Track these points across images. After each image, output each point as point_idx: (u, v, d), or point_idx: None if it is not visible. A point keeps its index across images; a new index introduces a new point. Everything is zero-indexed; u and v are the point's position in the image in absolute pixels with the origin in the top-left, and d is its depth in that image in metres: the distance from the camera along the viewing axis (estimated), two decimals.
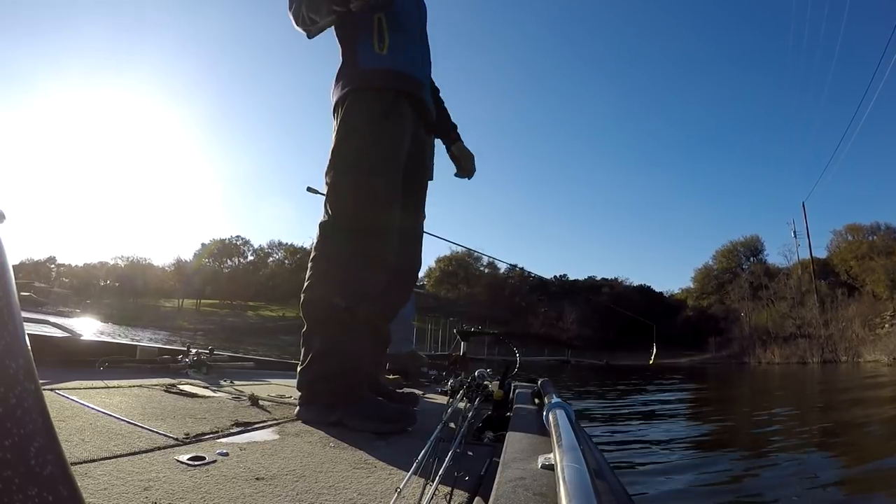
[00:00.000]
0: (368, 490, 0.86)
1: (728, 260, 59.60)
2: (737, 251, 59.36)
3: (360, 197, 1.50)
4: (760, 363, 39.47)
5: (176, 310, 57.34)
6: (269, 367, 3.08)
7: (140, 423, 1.14)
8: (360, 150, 1.53)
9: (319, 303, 1.48)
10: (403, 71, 1.62)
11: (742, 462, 3.79)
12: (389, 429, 1.36)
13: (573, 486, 0.55)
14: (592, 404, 7.83)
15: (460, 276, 61.01)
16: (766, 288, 50.64)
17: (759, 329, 46.78)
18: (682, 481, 3.18)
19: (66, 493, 0.31)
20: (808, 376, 19.99)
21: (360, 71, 1.59)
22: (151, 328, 34.61)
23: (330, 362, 1.43)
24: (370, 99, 1.57)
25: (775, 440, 4.81)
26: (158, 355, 2.40)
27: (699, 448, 4.42)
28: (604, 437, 4.76)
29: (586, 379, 16.23)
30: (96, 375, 1.79)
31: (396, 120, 1.58)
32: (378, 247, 1.52)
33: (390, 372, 2.58)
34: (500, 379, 1.78)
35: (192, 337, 30.07)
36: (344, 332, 1.45)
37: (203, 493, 0.76)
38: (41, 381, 0.33)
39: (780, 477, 3.28)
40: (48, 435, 0.31)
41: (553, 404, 1.05)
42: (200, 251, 64.38)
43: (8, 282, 0.32)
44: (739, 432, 5.48)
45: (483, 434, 1.36)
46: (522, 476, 0.74)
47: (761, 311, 48.99)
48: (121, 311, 50.13)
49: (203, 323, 49.28)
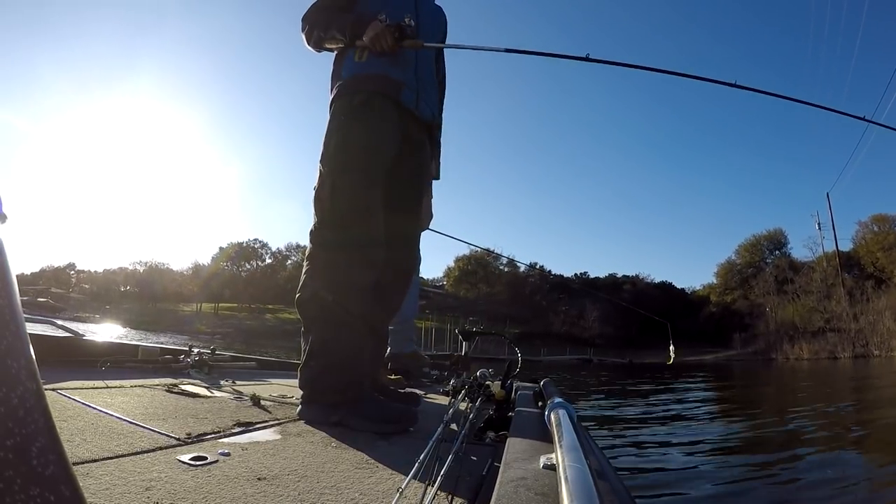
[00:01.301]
0: (370, 490, 0.86)
1: (751, 254, 58.11)
2: (760, 245, 57.88)
3: (338, 194, 1.54)
4: (788, 359, 38.27)
5: (194, 314, 57.58)
6: (271, 368, 3.08)
7: (142, 424, 1.14)
8: (335, 152, 1.59)
9: (309, 301, 1.51)
10: (377, 73, 1.64)
11: (767, 467, 3.59)
12: (391, 429, 1.36)
13: (575, 486, 0.54)
14: (628, 408, 7.44)
15: (480, 276, 60.39)
16: (791, 282, 49.24)
17: (785, 324, 45.52)
18: (699, 487, 3.05)
19: (68, 494, 0.31)
20: (839, 372, 19.25)
21: (341, 82, 1.66)
22: (169, 332, 34.57)
23: (327, 356, 1.45)
24: (343, 105, 1.63)
25: (807, 440, 4.56)
26: (160, 355, 2.41)
27: (723, 453, 4.16)
28: (637, 440, 4.53)
29: (611, 378, 15.79)
30: (98, 375, 1.79)
31: (370, 118, 1.62)
32: (361, 239, 1.54)
33: (392, 372, 2.58)
34: (501, 379, 1.78)
35: (210, 340, 30.10)
36: (338, 326, 1.48)
37: (205, 493, 0.76)
38: (43, 381, 0.33)
39: (810, 483, 3.04)
40: (50, 435, 0.31)
41: (555, 404, 1.05)
42: (218, 255, 64.73)
43: (9, 282, 0.32)
44: (769, 434, 5.25)
45: (485, 434, 1.36)
46: (524, 476, 0.74)
47: (787, 306, 47.55)
48: (140, 315, 50.41)
49: (221, 326, 49.41)
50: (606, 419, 6.18)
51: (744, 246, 59.11)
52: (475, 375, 2.02)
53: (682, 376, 16.10)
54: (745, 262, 58.30)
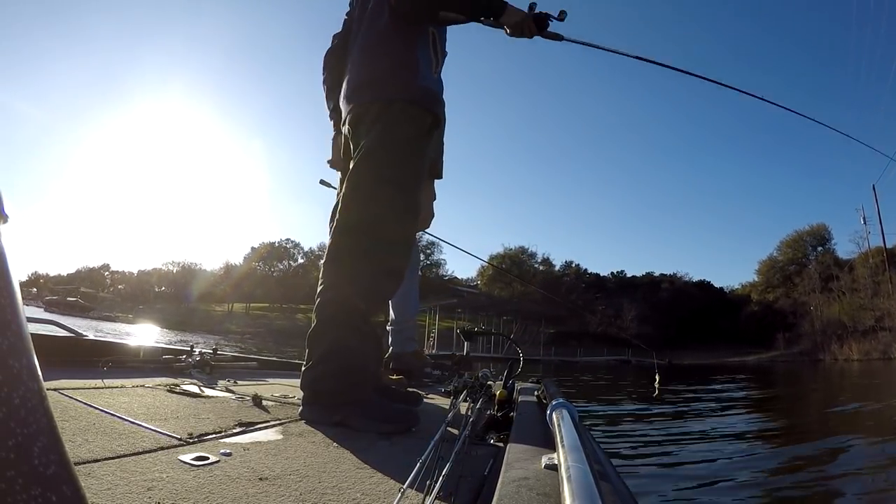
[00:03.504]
0: (372, 490, 0.86)
1: (794, 251, 56.23)
2: (802, 241, 55.94)
3: (392, 209, 1.51)
4: (837, 360, 36.66)
5: (226, 314, 57.74)
6: (273, 368, 3.08)
7: (143, 423, 1.15)
8: (399, 164, 1.54)
9: (342, 305, 1.46)
10: (441, 96, 1.65)
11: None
12: (393, 429, 1.36)
13: (577, 486, 0.54)
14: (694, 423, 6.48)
15: (514, 274, 59.54)
16: (836, 279, 47.47)
17: (832, 323, 43.89)
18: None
19: (70, 493, 0.31)
20: (894, 374, 18.14)
21: (419, 86, 1.58)
22: (200, 332, 34.59)
23: (338, 360, 1.43)
24: (421, 117, 1.57)
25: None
26: (162, 355, 2.41)
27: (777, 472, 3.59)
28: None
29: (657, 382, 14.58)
30: (100, 375, 1.79)
31: (428, 142, 1.62)
32: (400, 259, 1.55)
33: (394, 372, 2.58)
34: (503, 379, 1.78)
35: (240, 340, 30.07)
36: (355, 334, 1.46)
37: (206, 493, 0.76)
38: (45, 380, 0.33)
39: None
40: (52, 435, 0.31)
41: (556, 404, 1.05)
42: (250, 255, 65.05)
43: (10, 282, 0.32)
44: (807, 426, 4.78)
45: (486, 434, 1.36)
46: (526, 476, 0.74)
47: (832, 304, 45.88)
48: (173, 315, 50.77)
49: (252, 326, 49.66)
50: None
51: (785, 242, 57.43)
52: (477, 375, 2.03)
53: (735, 379, 15.13)
54: (788, 259, 56.45)
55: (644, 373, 20.75)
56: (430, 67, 1.61)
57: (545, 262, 60.98)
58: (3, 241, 0.33)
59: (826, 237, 54.57)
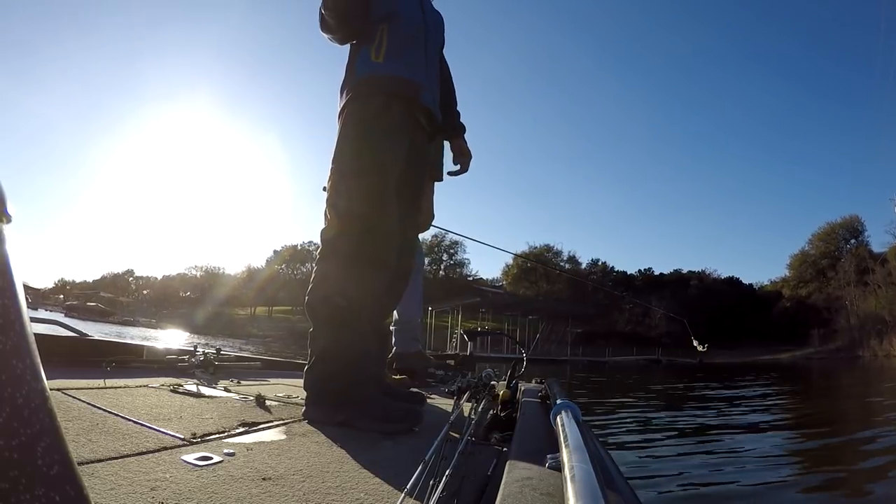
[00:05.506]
0: (375, 490, 0.86)
1: (826, 244, 54.06)
2: (835, 234, 53.78)
3: (356, 197, 1.52)
4: (877, 356, 34.81)
5: (249, 317, 57.80)
6: (276, 368, 3.09)
7: (147, 424, 1.15)
8: (354, 156, 1.57)
9: (321, 303, 1.50)
10: (397, 75, 1.63)
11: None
12: (396, 429, 1.36)
13: (581, 486, 0.54)
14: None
15: (539, 273, 59.00)
16: (872, 272, 45.52)
17: (870, 317, 42.12)
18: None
19: (73, 493, 0.31)
20: None
21: (356, 80, 1.63)
22: (222, 336, 34.61)
23: (336, 361, 1.44)
24: (363, 107, 1.60)
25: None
26: (165, 355, 2.42)
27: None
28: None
29: (689, 384, 13.36)
30: (103, 375, 1.80)
31: (388, 123, 1.60)
32: (377, 246, 1.54)
33: (397, 371, 2.58)
34: (506, 379, 1.77)
35: (262, 343, 30.12)
36: (348, 331, 1.47)
37: (210, 493, 0.76)
38: (48, 380, 0.33)
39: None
40: (55, 435, 0.31)
41: (560, 405, 1.04)
42: (273, 258, 65.30)
43: (13, 282, 0.32)
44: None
45: (490, 434, 1.36)
46: (529, 476, 0.74)
47: (868, 298, 44.08)
48: (196, 319, 50.85)
49: (274, 329, 49.74)
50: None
51: (817, 235, 55.34)
52: (480, 375, 2.02)
53: (768, 380, 14.60)
54: (820, 253, 54.34)
55: (672, 372, 19.78)
56: (368, 59, 1.63)
57: (571, 260, 60.17)
58: (6, 242, 0.33)
59: (859, 229, 52.65)
